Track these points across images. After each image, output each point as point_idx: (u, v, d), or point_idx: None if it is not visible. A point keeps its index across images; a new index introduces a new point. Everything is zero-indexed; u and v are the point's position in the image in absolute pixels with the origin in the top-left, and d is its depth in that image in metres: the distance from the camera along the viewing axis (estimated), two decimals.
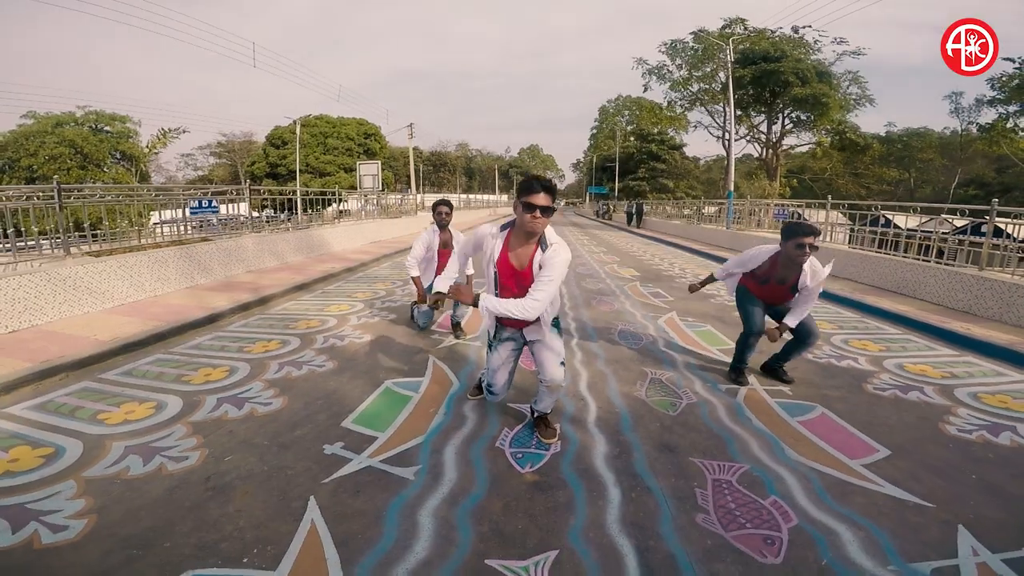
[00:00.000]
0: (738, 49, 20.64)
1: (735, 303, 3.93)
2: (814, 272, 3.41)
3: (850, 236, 9.45)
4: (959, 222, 26.58)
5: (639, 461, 2.65)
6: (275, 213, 18.93)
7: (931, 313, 5.89)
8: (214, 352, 4.31)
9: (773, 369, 3.88)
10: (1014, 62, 23.13)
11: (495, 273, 2.59)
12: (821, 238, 9.96)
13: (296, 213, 16.09)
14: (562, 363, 2.72)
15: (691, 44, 27.17)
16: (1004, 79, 25.34)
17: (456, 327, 4.94)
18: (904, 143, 39.33)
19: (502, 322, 2.77)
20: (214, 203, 7.78)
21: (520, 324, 2.71)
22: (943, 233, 7.43)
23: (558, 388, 2.71)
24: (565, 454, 2.72)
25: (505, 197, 70.73)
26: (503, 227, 2.59)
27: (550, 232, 2.52)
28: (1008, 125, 26.40)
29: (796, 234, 3.26)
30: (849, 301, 6.63)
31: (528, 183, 2.38)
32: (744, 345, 3.77)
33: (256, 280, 7.17)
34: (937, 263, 6.83)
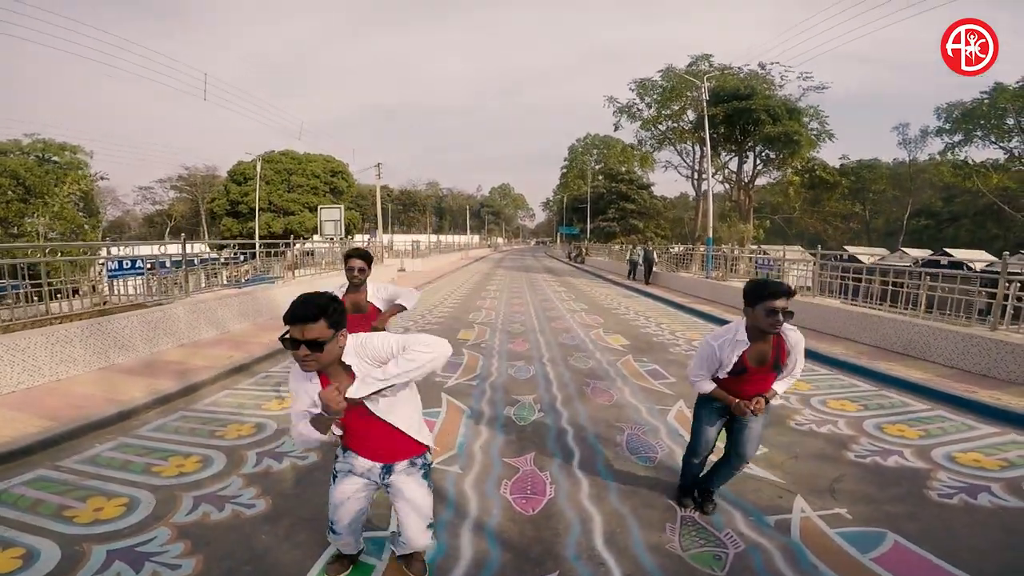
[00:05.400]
0: (709, 88, 20.64)
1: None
2: (795, 340, 2.65)
3: (852, 288, 8.91)
4: (916, 254, 27.47)
5: None
6: (234, 253, 17.76)
7: (951, 380, 5.45)
8: (113, 471, 3.40)
9: (700, 492, 3.08)
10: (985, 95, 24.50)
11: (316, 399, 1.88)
12: (815, 291, 9.55)
13: (255, 257, 15.00)
14: (430, 526, 2.17)
15: (659, 82, 27.32)
16: (948, 108, 26.84)
17: None
18: (857, 175, 41.03)
19: (350, 445, 2.08)
20: (139, 264, 6.72)
21: (383, 455, 2.05)
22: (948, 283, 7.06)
23: (426, 547, 2.25)
24: None
25: (476, 238, 70.52)
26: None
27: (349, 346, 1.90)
28: (952, 155, 27.91)
29: (764, 296, 2.46)
30: (860, 369, 6.09)
31: (289, 310, 1.76)
32: (687, 466, 3.04)
33: (186, 359, 6.06)
34: (950, 325, 6.38)
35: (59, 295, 6.36)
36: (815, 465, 3.57)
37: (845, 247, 29.54)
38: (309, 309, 1.74)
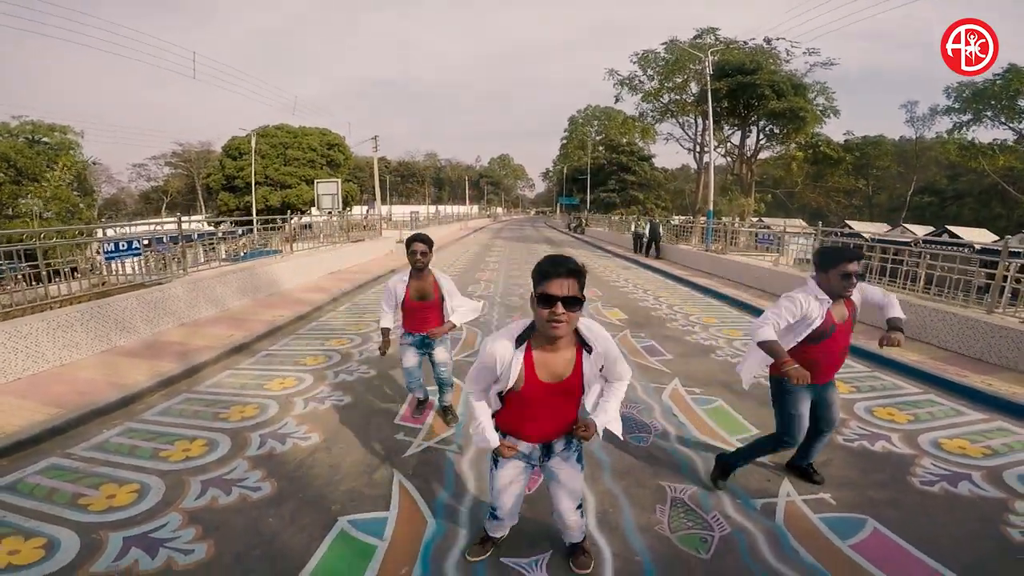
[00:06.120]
0: (713, 61, 20.30)
1: (772, 392, 2.97)
2: (866, 292, 2.89)
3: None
4: (918, 230, 27.45)
5: None
6: (232, 228, 17.71)
7: (944, 363, 5.49)
8: (122, 457, 3.46)
9: (803, 470, 3.25)
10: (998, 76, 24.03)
11: (506, 394, 1.99)
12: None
13: (253, 231, 14.99)
14: (579, 506, 2.28)
15: (663, 54, 26.86)
16: (959, 88, 26.34)
17: (447, 412, 4.10)
18: (861, 151, 40.59)
19: (515, 428, 2.13)
20: (135, 244, 6.71)
21: (548, 434, 2.11)
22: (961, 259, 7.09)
23: (580, 528, 2.35)
24: None
25: (475, 208, 69.89)
26: (519, 339, 1.89)
27: (584, 323, 1.91)
28: (960, 134, 27.58)
29: (839, 261, 2.62)
30: (855, 348, 6.08)
31: (543, 267, 1.74)
32: (764, 450, 3.08)
33: (187, 339, 6.13)
34: (947, 306, 6.40)
35: (57, 276, 6.35)
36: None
37: (847, 222, 29.44)
38: (571, 264, 1.72)
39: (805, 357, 2.73)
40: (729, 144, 28.83)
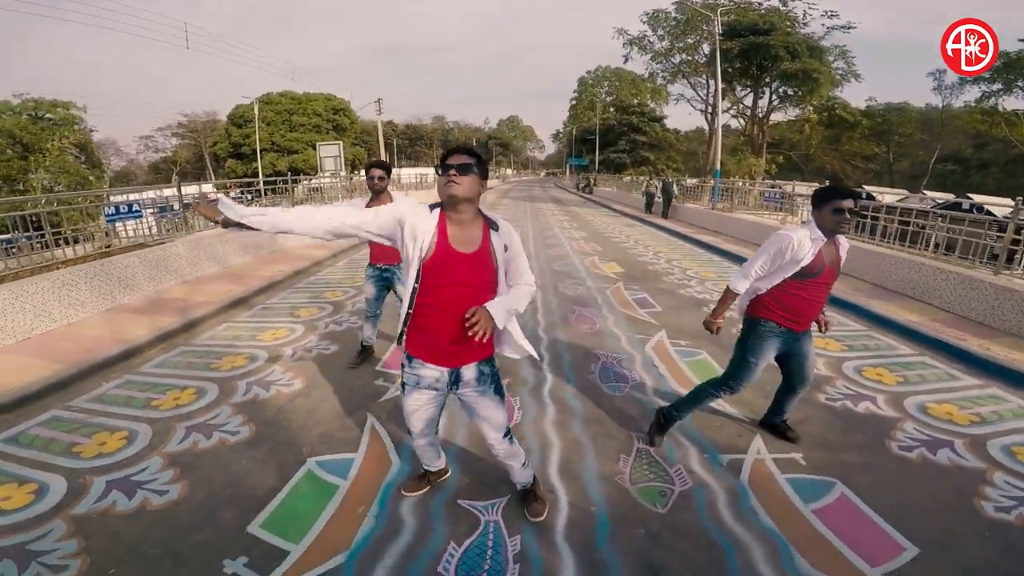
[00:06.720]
0: (725, 21, 19.48)
1: (742, 331, 2.91)
2: (843, 240, 2.77)
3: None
4: (938, 197, 26.68)
5: None
6: (240, 195, 17.83)
7: (945, 325, 5.31)
8: (117, 407, 3.57)
9: (776, 427, 3.21)
10: None
11: (421, 265, 1.92)
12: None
13: (262, 196, 15.08)
14: (507, 434, 2.25)
15: (673, 14, 25.89)
16: None
17: None
18: (884, 117, 38.96)
19: (417, 348, 2.04)
20: (135, 207, 6.77)
21: (452, 357, 2.03)
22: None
23: (515, 457, 2.34)
24: None
25: None
26: (432, 206, 1.99)
27: (491, 213, 2.07)
28: (990, 104, 26.44)
29: (831, 197, 2.56)
30: (855, 307, 6.01)
31: (446, 150, 1.99)
32: (706, 398, 3.00)
33: (188, 295, 6.24)
34: (952, 265, 6.20)
35: (65, 243, 6.43)
36: None
37: (863, 186, 28.57)
38: (469, 147, 2.01)
39: (789, 295, 2.72)
40: (741, 105, 27.92)
